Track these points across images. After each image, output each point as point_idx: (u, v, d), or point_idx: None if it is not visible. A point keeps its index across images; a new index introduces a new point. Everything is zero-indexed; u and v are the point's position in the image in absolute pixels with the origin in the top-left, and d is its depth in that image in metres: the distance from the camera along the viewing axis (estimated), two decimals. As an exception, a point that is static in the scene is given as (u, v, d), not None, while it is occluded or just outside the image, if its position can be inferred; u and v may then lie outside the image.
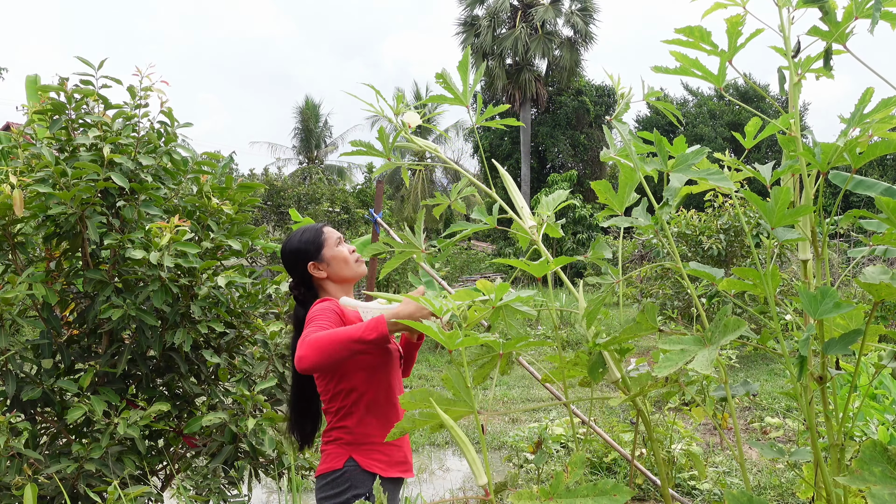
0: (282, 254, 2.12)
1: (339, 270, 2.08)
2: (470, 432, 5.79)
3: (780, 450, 1.52)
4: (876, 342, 1.42)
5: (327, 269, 2.07)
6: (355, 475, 1.92)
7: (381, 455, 1.95)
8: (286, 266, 2.12)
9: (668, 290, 9.29)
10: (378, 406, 1.97)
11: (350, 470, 1.92)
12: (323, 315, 1.89)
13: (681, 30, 1.34)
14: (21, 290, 2.53)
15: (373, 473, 1.92)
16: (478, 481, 1.28)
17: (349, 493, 1.90)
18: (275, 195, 19.14)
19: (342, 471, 1.93)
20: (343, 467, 1.93)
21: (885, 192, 1.43)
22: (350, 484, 1.91)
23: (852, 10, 1.26)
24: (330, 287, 2.09)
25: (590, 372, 1.54)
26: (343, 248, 2.10)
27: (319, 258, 2.07)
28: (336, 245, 2.09)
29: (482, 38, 26.22)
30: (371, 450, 1.95)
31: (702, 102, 29.32)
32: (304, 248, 2.07)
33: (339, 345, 1.69)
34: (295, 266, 2.09)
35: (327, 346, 1.70)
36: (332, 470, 1.94)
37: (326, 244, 2.08)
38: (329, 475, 1.94)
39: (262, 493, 4.59)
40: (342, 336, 1.69)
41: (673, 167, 1.31)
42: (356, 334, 1.68)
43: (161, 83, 2.93)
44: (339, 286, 2.10)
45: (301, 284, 2.11)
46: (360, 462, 1.92)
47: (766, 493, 4.14)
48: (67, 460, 2.56)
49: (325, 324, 1.84)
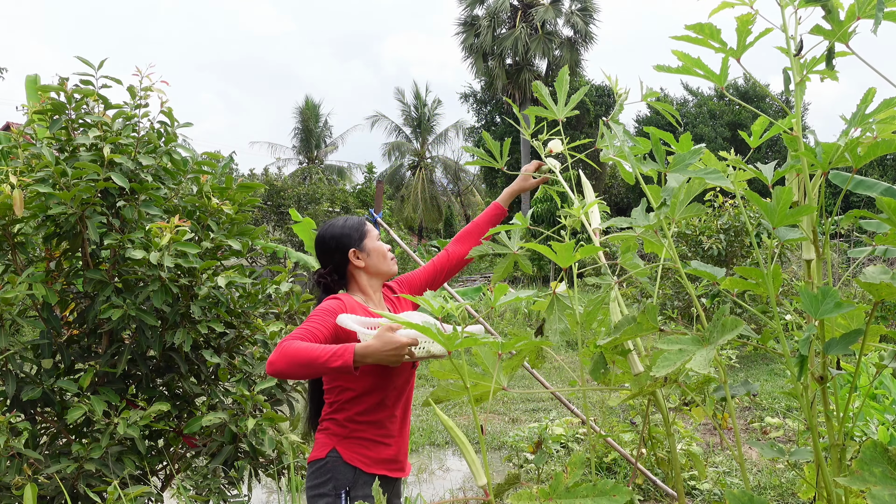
0: (321, 238, 2.12)
1: (378, 263, 2.10)
2: (470, 432, 5.79)
3: (780, 450, 1.52)
4: (876, 342, 1.42)
5: (367, 259, 2.09)
6: (336, 466, 1.93)
7: (365, 450, 1.95)
8: (324, 251, 2.11)
9: (668, 290, 9.30)
10: (373, 409, 1.97)
11: (331, 460, 1.94)
12: (318, 318, 1.89)
13: (691, 26, 1.34)
14: (21, 290, 2.52)
15: (354, 467, 1.93)
16: (477, 482, 1.28)
17: (330, 485, 1.92)
18: (275, 195, 19.14)
19: (324, 461, 1.95)
20: (325, 457, 1.95)
21: (885, 192, 1.43)
22: (331, 475, 1.93)
23: (855, 10, 1.26)
24: (362, 278, 2.10)
25: (591, 372, 1.54)
26: (382, 244, 2.13)
27: (361, 247, 2.09)
28: (377, 239, 2.14)
29: (482, 38, 26.21)
30: (356, 444, 1.95)
31: (702, 102, 29.32)
32: (349, 234, 2.09)
33: (306, 362, 1.71)
34: (335, 251, 2.09)
35: (294, 360, 1.72)
36: (317, 459, 1.96)
37: (368, 235, 2.12)
38: (314, 464, 1.97)
39: (262, 493, 4.59)
40: (311, 355, 1.70)
41: (671, 168, 1.30)
42: (322, 357, 1.69)
43: (161, 83, 2.93)
44: (371, 279, 2.11)
45: (335, 272, 2.11)
46: (342, 454, 1.94)
47: (767, 493, 4.13)
48: (67, 460, 2.56)
49: (313, 328, 1.85)
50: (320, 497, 1.92)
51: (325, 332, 1.86)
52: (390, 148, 33.01)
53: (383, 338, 1.68)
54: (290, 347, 1.73)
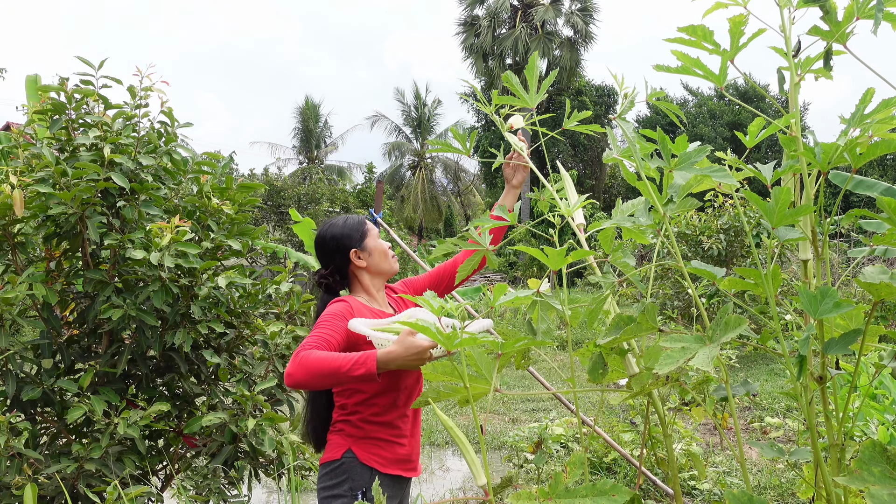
0: (321, 239, 2.09)
1: (379, 262, 2.08)
2: (470, 432, 5.79)
3: (780, 450, 1.52)
4: (876, 342, 1.42)
5: (368, 258, 2.07)
6: (353, 468, 1.91)
7: (381, 450, 1.94)
8: (324, 251, 2.08)
9: (669, 290, 9.30)
10: (385, 410, 1.95)
11: (347, 462, 1.92)
12: (329, 323, 1.86)
13: (683, 28, 1.34)
14: (21, 290, 2.53)
15: (370, 467, 1.92)
16: (477, 482, 1.28)
17: (346, 486, 1.90)
18: (275, 195, 19.14)
19: (340, 462, 1.93)
20: (341, 458, 1.93)
21: (885, 191, 1.43)
22: (347, 476, 1.91)
23: (853, 10, 1.26)
24: (364, 278, 2.08)
25: (590, 372, 1.54)
26: (383, 242, 2.11)
27: (362, 247, 2.07)
28: (377, 237, 2.12)
29: (482, 38, 26.22)
30: (371, 444, 1.94)
31: (702, 102, 29.33)
32: (350, 234, 2.07)
33: (327, 372, 1.67)
34: (335, 251, 2.06)
35: (316, 371, 1.68)
36: (332, 460, 1.94)
37: (370, 234, 2.10)
38: (328, 465, 1.95)
39: (262, 493, 4.59)
40: (332, 365, 1.67)
41: (676, 166, 1.30)
42: (345, 367, 1.66)
43: (161, 83, 2.93)
44: (374, 278, 2.09)
45: (336, 272, 2.09)
46: (358, 455, 1.92)
47: (766, 493, 4.14)
48: (67, 460, 2.56)
49: (326, 334, 1.81)
50: (336, 498, 1.90)
51: (339, 338, 1.83)
52: (390, 148, 33.03)
53: (405, 343, 1.65)
54: (309, 358, 1.69)
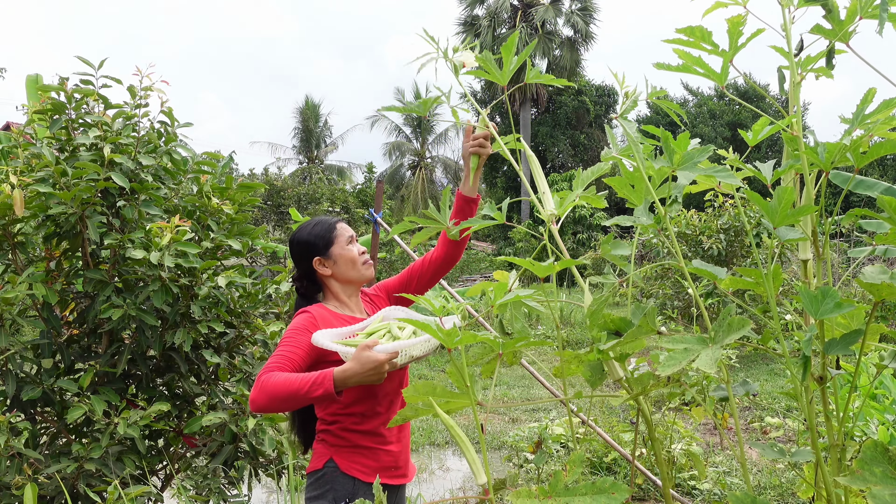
0: (290, 243, 2.03)
1: (345, 271, 1.99)
2: (470, 432, 5.79)
3: (780, 450, 1.52)
4: (876, 342, 1.42)
5: (333, 267, 1.98)
6: (335, 477, 1.87)
7: (364, 459, 1.89)
8: (293, 256, 2.02)
9: (668, 289, 9.30)
10: (365, 418, 1.91)
11: (329, 472, 1.88)
12: (291, 339, 1.81)
13: (682, 30, 1.33)
14: (21, 290, 2.52)
15: (353, 477, 1.87)
16: (477, 480, 1.28)
17: (329, 496, 1.87)
18: (275, 195, 19.14)
19: (322, 472, 1.89)
20: (323, 468, 1.89)
21: (885, 191, 1.43)
22: (330, 486, 1.87)
23: (856, 9, 1.25)
24: (333, 285, 2.01)
25: (589, 378, 1.54)
26: (353, 248, 2.00)
27: (327, 255, 1.97)
28: (346, 244, 2.00)
29: (482, 38, 26.20)
30: (353, 452, 1.89)
31: (702, 102, 29.32)
32: (313, 242, 1.98)
33: (286, 396, 1.65)
34: (301, 258, 2.00)
35: (276, 395, 1.66)
36: (315, 469, 1.91)
37: (336, 241, 1.99)
38: (313, 474, 1.92)
39: (262, 493, 4.58)
40: (290, 388, 1.65)
41: (679, 165, 1.30)
42: (303, 389, 1.64)
43: (161, 83, 2.93)
44: (344, 286, 2.02)
45: (305, 277, 2.03)
46: (339, 464, 1.88)
47: (767, 493, 4.14)
48: (67, 460, 2.56)
49: (290, 352, 1.78)
50: None
51: (301, 355, 1.79)
52: (390, 148, 33.03)
53: (360, 359, 1.62)
54: (269, 382, 1.66)
